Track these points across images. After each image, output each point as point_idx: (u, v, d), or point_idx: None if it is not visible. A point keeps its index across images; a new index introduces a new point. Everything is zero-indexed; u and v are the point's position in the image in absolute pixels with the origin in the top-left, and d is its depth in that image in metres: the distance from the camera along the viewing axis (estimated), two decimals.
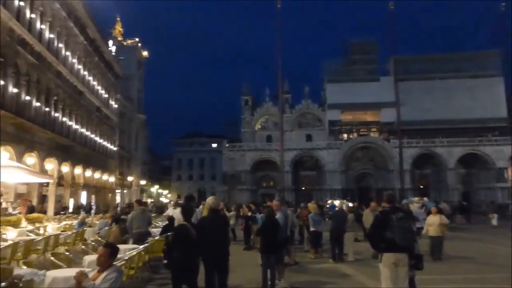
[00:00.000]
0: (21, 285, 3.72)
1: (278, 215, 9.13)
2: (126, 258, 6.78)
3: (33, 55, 25.45)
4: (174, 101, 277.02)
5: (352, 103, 68.61)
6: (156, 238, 10.36)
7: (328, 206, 32.21)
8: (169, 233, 10.82)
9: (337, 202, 35.72)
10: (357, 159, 68.20)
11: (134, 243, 9.87)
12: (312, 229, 13.39)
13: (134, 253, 7.62)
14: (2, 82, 22.00)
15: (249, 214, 16.07)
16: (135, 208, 11.27)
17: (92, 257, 7.13)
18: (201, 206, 13.48)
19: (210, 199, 6.82)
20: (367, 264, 11.48)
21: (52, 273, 5.29)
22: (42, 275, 4.54)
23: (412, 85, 64.49)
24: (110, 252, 4.59)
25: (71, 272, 5.59)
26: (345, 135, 72.91)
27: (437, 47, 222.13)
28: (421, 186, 63.37)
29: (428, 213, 15.14)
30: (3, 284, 4.28)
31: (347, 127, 72.93)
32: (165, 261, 10.27)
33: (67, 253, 7.61)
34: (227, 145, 74.26)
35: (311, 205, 14.31)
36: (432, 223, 12.81)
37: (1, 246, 8.76)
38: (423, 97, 65.52)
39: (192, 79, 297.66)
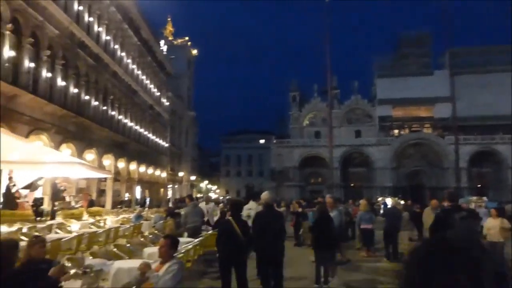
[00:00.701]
0: (92, 274, 3.93)
1: (334, 213, 9.04)
2: (183, 251, 6.98)
3: (92, 57, 26.78)
4: (223, 98, 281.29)
5: (403, 98, 66.29)
6: (209, 232, 10.61)
7: (378, 204, 31.49)
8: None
9: (388, 200, 34.89)
10: (408, 156, 65.84)
11: (188, 237, 10.15)
12: (362, 226, 13.19)
13: (190, 246, 7.85)
14: (64, 83, 23.36)
15: (300, 210, 16.03)
16: (187, 204, 11.59)
17: (151, 249, 7.43)
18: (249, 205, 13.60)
19: (265, 194, 6.86)
20: None
21: (116, 264, 5.59)
22: (110, 265, 4.81)
23: (468, 78, 61.19)
24: (170, 243, 4.76)
25: (134, 263, 5.87)
26: (396, 131, 70.69)
27: (495, 38, 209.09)
28: (479, 185, 60.12)
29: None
30: (74, 271, 4.56)
31: (398, 123, 70.62)
32: (218, 255, 10.61)
33: (128, 245, 7.99)
34: (275, 141, 74.34)
35: (362, 203, 14.08)
36: (492, 227, 12.07)
37: (67, 238, 9.36)
38: (481, 91, 61.98)
39: (240, 76, 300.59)
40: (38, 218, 15.83)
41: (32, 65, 20.02)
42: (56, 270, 4.12)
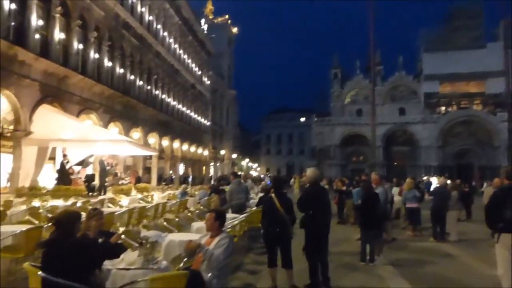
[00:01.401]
0: (148, 245, 4.10)
1: (379, 190, 8.89)
2: (229, 227, 7.12)
3: (136, 37, 27.32)
4: (263, 76, 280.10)
5: (452, 73, 63.17)
6: (254, 209, 10.75)
7: (423, 183, 30.68)
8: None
9: (433, 179, 33.83)
10: (456, 134, 63.16)
11: (233, 213, 10.33)
12: (408, 205, 12.93)
13: (236, 222, 8.00)
14: (111, 64, 24.06)
15: (343, 188, 15.88)
16: (231, 181, 11.75)
17: (199, 224, 7.65)
18: (292, 180, 13.62)
19: (311, 171, 6.78)
20: (473, 246, 10.79)
21: (168, 237, 5.80)
22: (165, 237, 5.00)
23: None
24: (216, 217, 4.86)
25: (185, 236, 6.08)
26: (443, 108, 67.77)
27: None
28: None
29: None
30: (132, 243, 4.77)
31: (446, 99, 67.62)
32: (263, 231, 10.75)
33: (176, 219, 8.27)
34: (315, 119, 73.51)
35: (408, 181, 13.75)
36: None
37: (120, 212, 9.80)
38: None
39: (281, 54, 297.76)
40: (90, 193, 16.65)
41: (81, 46, 20.71)
42: (114, 239, 4.35)
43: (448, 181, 22.71)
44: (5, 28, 15.53)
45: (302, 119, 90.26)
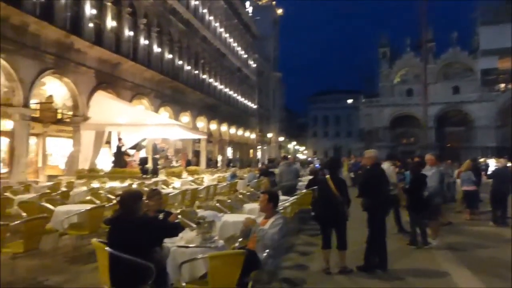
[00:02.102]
0: (205, 225, 4.21)
1: (433, 171, 8.56)
2: (281, 208, 7.15)
3: (183, 22, 27.69)
4: (309, 57, 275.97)
5: None
6: (304, 191, 10.72)
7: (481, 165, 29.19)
8: (315, 187, 11.20)
9: (491, 161, 32.09)
10: None
11: (283, 195, 10.34)
12: (464, 188, 12.36)
13: (287, 204, 8.01)
14: (160, 50, 24.61)
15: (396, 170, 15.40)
16: (281, 163, 11.76)
17: (251, 205, 7.75)
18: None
19: (371, 152, 6.60)
20: None
21: (223, 217, 5.93)
22: (221, 217, 5.12)
23: None
24: (269, 197, 4.88)
25: (238, 217, 6.17)
26: (502, 85, 63.68)
27: None
28: None
29: None
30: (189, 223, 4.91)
31: (505, 76, 63.39)
32: (313, 213, 10.71)
33: (228, 200, 8.42)
34: (363, 100, 71.72)
35: (466, 163, 13.13)
36: None
37: (174, 193, 10.13)
38: None
39: (326, 33, 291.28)
40: (144, 176, 17.30)
41: (131, 33, 21.31)
42: (172, 219, 4.51)
43: (509, 164, 21.48)
44: (62, 18, 16.25)
45: (349, 101, 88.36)
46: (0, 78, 13.82)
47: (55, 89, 16.48)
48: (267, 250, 4.36)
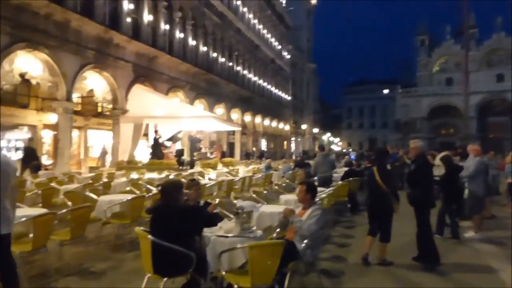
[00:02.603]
0: (244, 215, 4.24)
1: (476, 161, 8.24)
2: (318, 199, 7.09)
3: (217, 15, 27.83)
4: (344, 47, 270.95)
5: None
6: (339, 182, 10.60)
7: None
8: (351, 178, 11.05)
9: None
10: None
11: (319, 186, 10.26)
12: (510, 181, 11.81)
13: (324, 195, 7.94)
14: (195, 43, 24.86)
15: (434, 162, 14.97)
16: (318, 154, 11.65)
17: (287, 196, 7.74)
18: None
19: (416, 143, 6.31)
20: None
21: (260, 208, 5.95)
22: (259, 207, 5.15)
23: None
24: (306, 188, 4.85)
25: (275, 208, 6.19)
26: None
27: None
28: None
29: None
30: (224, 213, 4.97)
31: None
32: (349, 205, 10.60)
33: (264, 191, 8.45)
34: (400, 90, 69.85)
35: (511, 155, 12.53)
36: None
37: (210, 184, 10.27)
38: None
39: (361, 22, 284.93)
40: (180, 167, 17.62)
41: (167, 27, 21.63)
42: (211, 209, 4.58)
43: None
44: (101, 13, 16.71)
45: (385, 91, 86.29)
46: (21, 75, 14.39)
47: (96, 83, 17.01)
48: (305, 241, 4.36)
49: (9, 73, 13.06)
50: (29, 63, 13.63)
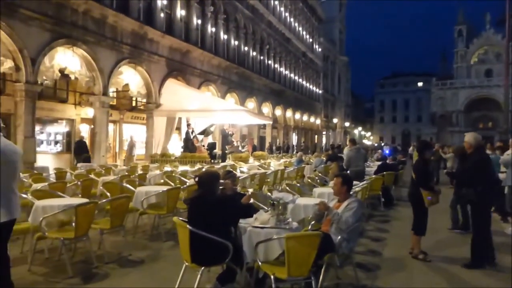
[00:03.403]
0: (280, 207, 4.26)
1: None
2: (351, 193, 7.02)
3: (249, 8, 27.83)
4: (377, 39, 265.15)
5: None
6: (373, 176, 10.45)
7: None
8: (385, 172, 10.86)
9: None
10: None
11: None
12: None
13: (358, 189, 7.85)
14: (226, 36, 24.98)
15: None
16: (349, 148, 11.52)
17: (321, 189, 7.70)
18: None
19: (472, 135, 6.00)
20: None
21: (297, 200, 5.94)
22: (296, 199, 5.15)
23: None
24: (342, 180, 4.82)
25: (308, 200, 6.18)
26: None
27: None
28: None
29: None
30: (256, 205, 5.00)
31: None
32: (383, 200, 10.43)
33: (298, 184, 8.45)
34: (436, 83, 67.79)
35: None
36: None
37: (243, 177, 10.34)
38: None
39: (395, 12, 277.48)
40: (212, 160, 17.81)
41: (199, 21, 21.83)
42: (246, 198, 4.62)
43: None
44: (136, 9, 17.06)
45: (420, 84, 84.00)
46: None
47: (130, 77, 17.41)
48: (342, 234, 4.33)
49: (50, 69, 13.55)
50: (68, 59, 14.09)
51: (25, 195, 6.16)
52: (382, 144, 62.76)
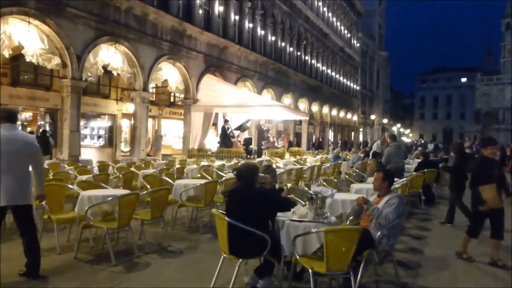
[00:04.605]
0: (318, 201, 4.23)
1: None
2: (392, 188, 6.86)
3: (286, 4, 27.65)
4: (418, 33, 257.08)
5: None
6: (414, 173, 10.18)
7: None
8: (426, 170, 10.54)
9: None
10: None
11: None
12: None
13: (397, 185, 7.67)
14: (263, 32, 24.97)
15: None
16: (390, 144, 11.25)
17: (358, 185, 7.60)
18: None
19: None
20: None
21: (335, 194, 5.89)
22: (335, 193, 5.10)
23: None
24: (383, 176, 4.71)
25: (347, 196, 6.11)
26: None
27: None
28: None
29: None
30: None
31: None
32: (424, 198, 10.14)
33: (335, 180, 8.36)
34: (481, 78, 64.98)
35: None
36: None
37: (279, 172, 10.34)
38: None
39: (438, 5, 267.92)
40: (248, 156, 17.91)
41: (237, 17, 21.94)
42: (285, 193, 4.63)
43: None
44: (175, 6, 17.37)
45: (463, 79, 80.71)
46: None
47: (169, 73, 17.75)
48: (381, 230, 4.25)
49: (94, 65, 14.04)
50: (111, 56, 14.54)
51: (71, 186, 6.44)
52: (422, 141, 60.95)
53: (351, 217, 5.09)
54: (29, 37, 11.67)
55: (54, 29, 12.20)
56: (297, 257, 3.90)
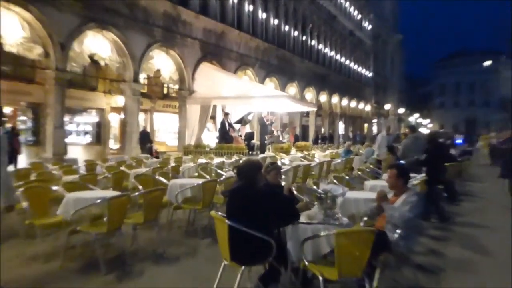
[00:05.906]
0: (328, 200, 4.19)
1: None
2: (409, 185, 6.82)
3: None
4: (436, 14, 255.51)
5: None
6: None
7: None
8: (447, 164, 10.47)
9: None
10: None
11: None
12: None
13: (416, 182, 7.64)
14: (265, 16, 24.87)
15: None
16: (407, 136, 11.19)
17: (372, 182, 7.54)
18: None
19: None
20: None
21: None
22: (346, 192, 5.05)
23: None
24: (397, 172, 4.67)
25: (360, 194, 6.07)
26: None
27: None
28: None
29: None
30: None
31: None
32: (445, 194, 10.09)
33: (347, 177, 8.31)
34: (506, 61, 64.55)
35: None
36: None
37: (284, 169, 10.29)
38: None
39: None
40: (250, 152, 17.88)
41: (236, 0, 21.85)
42: (286, 189, 4.60)
43: None
44: None
45: (487, 63, 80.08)
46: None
47: (162, 62, 17.73)
48: (398, 231, 4.21)
49: (79, 55, 14.03)
50: (98, 44, 14.52)
51: (56, 188, 6.42)
52: (442, 130, 60.63)
53: (365, 218, 5.05)
54: (8, 24, 11.64)
55: (37, 15, 12.18)
56: (306, 263, 3.86)
